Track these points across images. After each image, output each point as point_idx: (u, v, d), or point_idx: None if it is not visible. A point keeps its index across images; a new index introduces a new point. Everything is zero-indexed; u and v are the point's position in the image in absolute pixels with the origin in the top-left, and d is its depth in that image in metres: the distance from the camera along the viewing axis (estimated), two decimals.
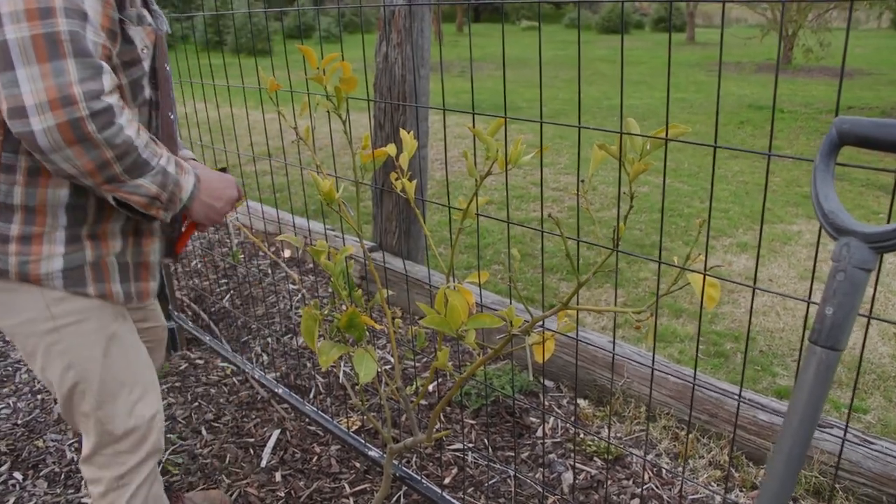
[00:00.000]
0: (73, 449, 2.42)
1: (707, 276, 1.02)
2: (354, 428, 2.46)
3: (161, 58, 1.42)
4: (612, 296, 3.82)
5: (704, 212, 5.37)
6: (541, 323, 1.18)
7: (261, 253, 4.09)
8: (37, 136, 1.13)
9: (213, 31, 18.26)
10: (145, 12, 1.37)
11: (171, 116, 1.52)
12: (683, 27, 24.49)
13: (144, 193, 1.28)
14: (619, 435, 2.40)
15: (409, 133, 1.25)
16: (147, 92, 1.40)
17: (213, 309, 3.35)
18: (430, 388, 2.69)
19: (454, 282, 1.29)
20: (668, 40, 1.07)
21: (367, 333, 1.42)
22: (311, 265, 3.92)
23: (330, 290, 3.59)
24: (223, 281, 3.72)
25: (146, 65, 1.37)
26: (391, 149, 1.29)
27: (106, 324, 1.44)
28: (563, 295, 3.82)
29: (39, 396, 2.75)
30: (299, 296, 3.52)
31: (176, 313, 2.96)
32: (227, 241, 4.29)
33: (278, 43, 18.00)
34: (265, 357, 2.98)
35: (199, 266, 3.94)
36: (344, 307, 1.51)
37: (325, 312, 1.50)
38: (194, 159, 1.66)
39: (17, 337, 1.41)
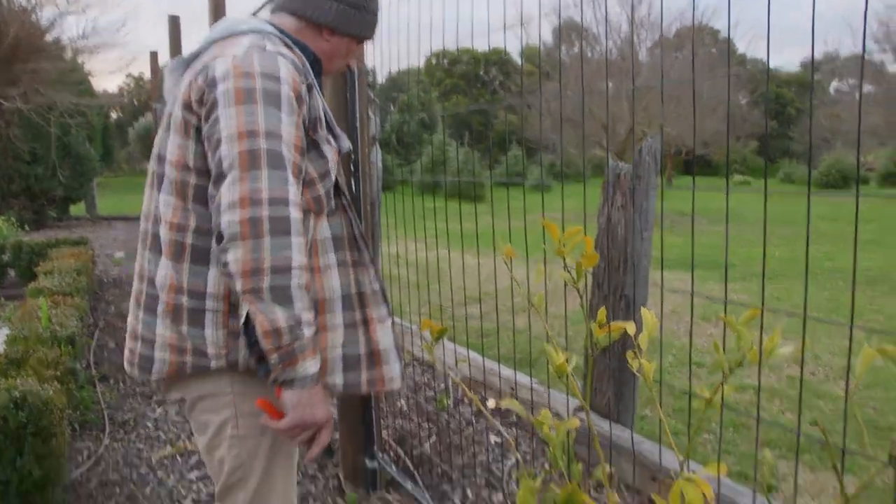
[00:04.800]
0: None
1: None
2: None
3: (345, 172, 1.69)
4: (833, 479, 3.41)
5: None
6: None
7: (466, 399, 4.11)
8: (223, 227, 1.32)
9: (430, 176, 19.51)
10: (330, 136, 1.59)
11: (377, 195, 1.71)
12: None
13: (273, 320, 1.35)
14: None
15: (650, 312, 1.22)
16: (336, 201, 1.59)
17: (414, 452, 3.37)
18: None
19: (689, 470, 1.20)
20: None
21: None
22: (514, 418, 3.87)
23: (535, 446, 3.50)
24: (427, 424, 3.76)
25: (333, 175, 1.55)
26: (630, 327, 1.25)
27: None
28: (785, 477, 3.47)
29: None
30: (510, 459, 3.46)
31: (380, 454, 3.00)
32: (434, 383, 4.37)
33: (496, 189, 18.81)
34: None
35: (404, 407, 4.02)
36: (559, 476, 1.45)
37: (540, 480, 1.45)
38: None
39: None
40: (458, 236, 3.17)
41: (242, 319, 1.39)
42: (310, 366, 1.41)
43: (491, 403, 2.23)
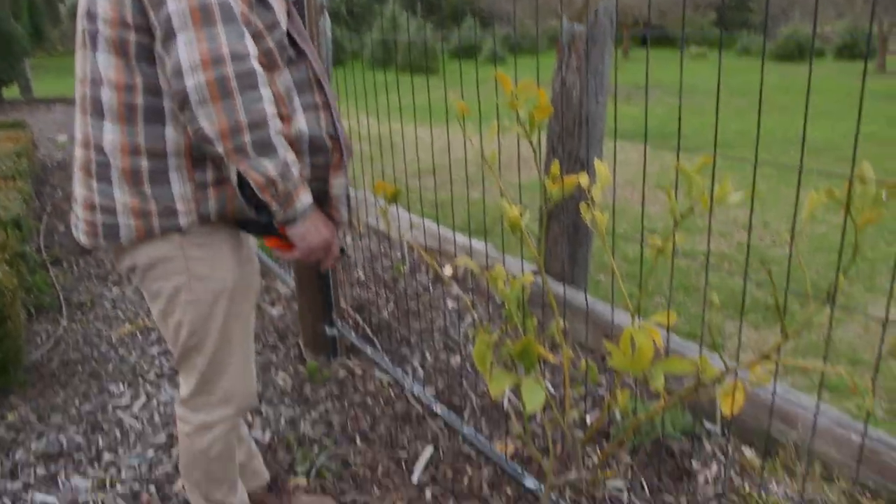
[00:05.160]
0: None
1: None
2: (509, 453, 2.43)
3: (297, 23, 1.59)
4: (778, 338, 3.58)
5: (890, 257, 4.94)
6: (734, 374, 1.10)
7: (423, 267, 4.15)
8: (189, 92, 1.30)
9: (382, 50, 18.94)
10: None
11: (325, 66, 1.64)
12: (873, 55, 22.76)
13: (264, 173, 1.39)
14: (788, 492, 2.23)
15: (603, 164, 1.21)
16: (291, 52, 1.54)
17: (373, 320, 3.43)
18: (586, 418, 2.61)
19: (640, 319, 1.23)
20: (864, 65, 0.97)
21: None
22: (471, 285, 3.93)
23: (492, 308, 3.58)
24: (385, 292, 3.80)
25: (284, 26, 1.52)
26: (583, 178, 1.25)
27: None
28: (731, 336, 3.62)
29: None
30: (465, 318, 3.53)
31: (339, 321, 3.04)
32: (391, 253, 4.39)
33: (449, 62, 18.36)
34: (422, 371, 3.00)
35: (361, 276, 4.05)
36: (514, 332, 1.48)
37: (496, 336, 1.48)
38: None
39: None
40: (411, 110, 3.11)
41: (234, 179, 1.44)
42: (304, 198, 1.48)
43: (448, 270, 2.25)
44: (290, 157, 1.43)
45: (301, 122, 1.53)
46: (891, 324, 1.02)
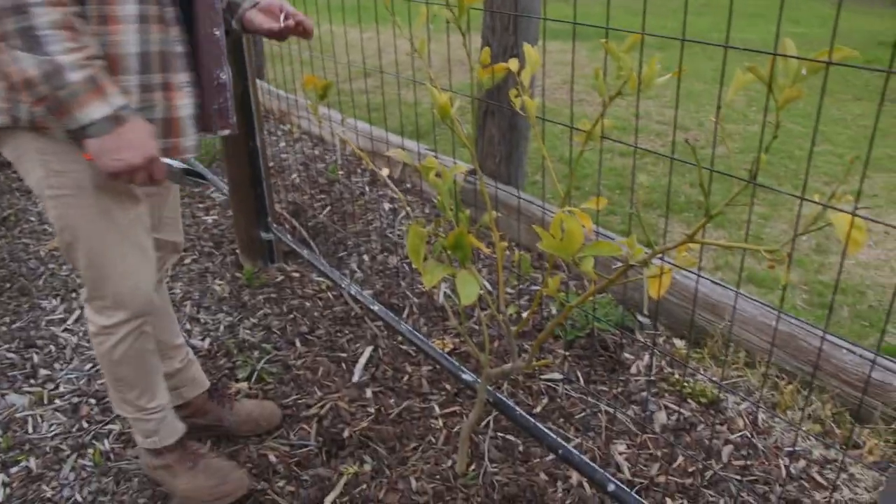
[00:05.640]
0: None
1: (854, 218, 0.93)
2: (447, 350, 2.46)
3: None
4: (711, 238, 3.68)
5: (818, 155, 5.07)
6: (661, 255, 1.12)
7: (360, 170, 4.10)
8: None
9: None
10: None
11: (216, 33, 1.51)
12: None
13: (20, 70, 1.22)
14: (714, 379, 2.33)
15: (532, 48, 1.18)
16: (151, 8, 1.38)
17: (310, 224, 3.39)
18: (523, 315, 2.66)
19: (570, 206, 1.24)
20: None
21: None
22: (408, 185, 3.90)
23: (428, 210, 3.57)
24: (321, 196, 3.75)
25: None
26: (513, 63, 1.22)
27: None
28: (664, 234, 3.70)
29: None
30: (401, 215, 3.52)
31: (274, 225, 3.00)
32: (327, 157, 4.32)
33: None
34: (360, 274, 3.00)
35: (297, 181, 3.99)
36: (449, 226, 1.48)
37: (431, 231, 1.48)
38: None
39: None
40: (340, 10, 2.98)
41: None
42: (94, 111, 1.28)
43: (385, 171, 2.23)
44: (72, 58, 1.24)
45: (123, 34, 1.38)
46: (815, 216, 1.04)
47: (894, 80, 7.63)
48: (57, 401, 2.34)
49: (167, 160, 1.46)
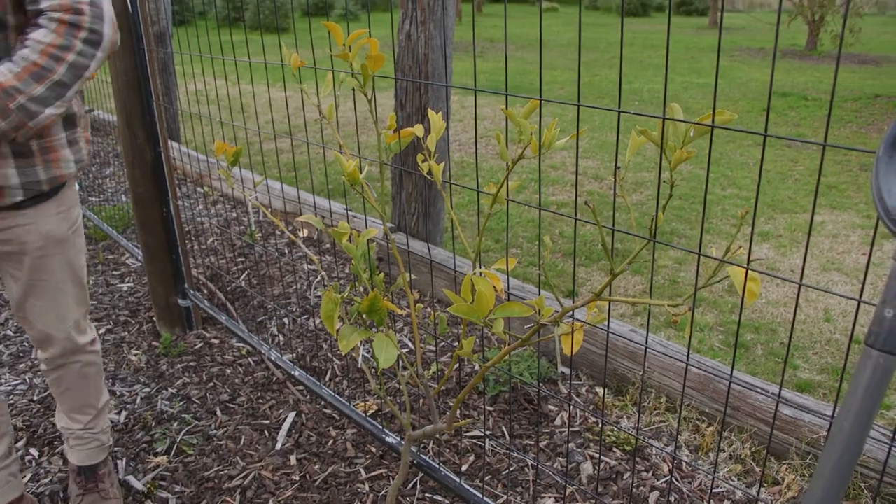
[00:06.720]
0: None
1: (749, 271, 0.97)
2: (371, 412, 2.43)
3: None
4: (629, 285, 3.77)
5: (725, 199, 5.28)
6: (571, 313, 1.14)
7: (278, 232, 4.06)
8: None
9: (231, 7, 18.18)
10: None
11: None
12: (706, 11, 24.12)
13: None
14: (632, 430, 2.36)
15: (437, 114, 1.20)
16: None
17: (228, 288, 3.33)
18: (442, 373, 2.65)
19: (480, 267, 1.25)
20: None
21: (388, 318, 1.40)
22: (328, 246, 3.88)
23: (347, 271, 3.55)
24: (240, 260, 3.69)
25: None
26: (418, 129, 1.24)
27: None
28: (584, 283, 3.77)
29: None
30: (318, 277, 3.49)
31: (192, 291, 2.93)
32: (245, 219, 4.26)
33: (299, 20, 17.89)
34: (281, 338, 2.95)
35: (215, 244, 3.92)
36: (364, 290, 1.47)
37: (345, 295, 1.47)
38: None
39: None
40: (262, 70, 2.98)
41: None
42: None
43: (304, 233, 2.22)
44: None
45: None
46: (722, 264, 1.08)
47: (796, 116, 8.05)
48: None
49: None
